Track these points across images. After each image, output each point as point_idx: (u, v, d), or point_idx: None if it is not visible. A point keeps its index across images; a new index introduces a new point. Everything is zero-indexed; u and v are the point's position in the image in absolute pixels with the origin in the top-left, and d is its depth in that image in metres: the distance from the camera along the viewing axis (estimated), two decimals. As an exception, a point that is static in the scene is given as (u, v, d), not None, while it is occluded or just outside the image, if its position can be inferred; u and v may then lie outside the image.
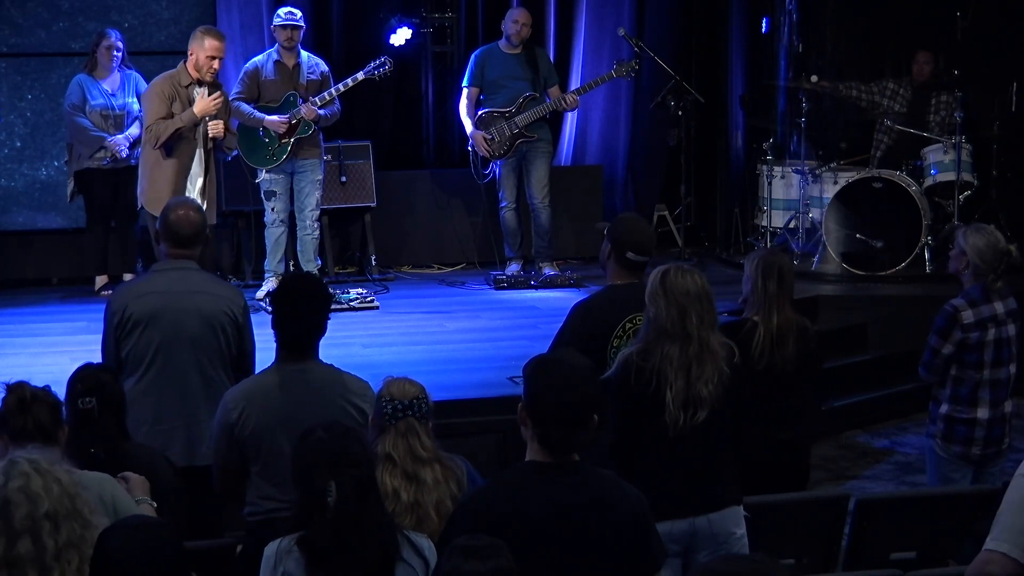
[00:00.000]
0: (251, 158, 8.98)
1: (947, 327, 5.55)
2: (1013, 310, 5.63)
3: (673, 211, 10.90)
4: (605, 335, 4.90)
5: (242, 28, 10.05)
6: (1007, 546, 3.22)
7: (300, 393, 4.47)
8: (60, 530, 2.90)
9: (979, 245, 5.52)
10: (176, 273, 5.23)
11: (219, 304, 5.19)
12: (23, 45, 9.54)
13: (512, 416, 3.60)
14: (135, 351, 5.15)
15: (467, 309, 8.97)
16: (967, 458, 5.61)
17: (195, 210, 5.33)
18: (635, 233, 5.07)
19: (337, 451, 3.40)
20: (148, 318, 5.14)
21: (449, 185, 10.47)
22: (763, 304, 5.30)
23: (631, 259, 5.00)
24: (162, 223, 5.28)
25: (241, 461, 4.48)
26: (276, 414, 4.42)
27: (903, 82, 10.29)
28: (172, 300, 5.16)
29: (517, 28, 9.57)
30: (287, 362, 4.55)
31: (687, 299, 4.35)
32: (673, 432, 4.35)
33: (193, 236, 5.24)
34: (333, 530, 3.32)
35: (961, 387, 5.61)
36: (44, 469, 2.94)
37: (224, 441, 4.50)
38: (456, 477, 4.07)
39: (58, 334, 7.97)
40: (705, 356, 4.36)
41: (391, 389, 4.10)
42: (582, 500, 3.40)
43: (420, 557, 3.47)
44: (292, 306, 4.53)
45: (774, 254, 5.57)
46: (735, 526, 4.49)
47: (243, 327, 5.24)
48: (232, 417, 4.45)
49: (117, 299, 5.26)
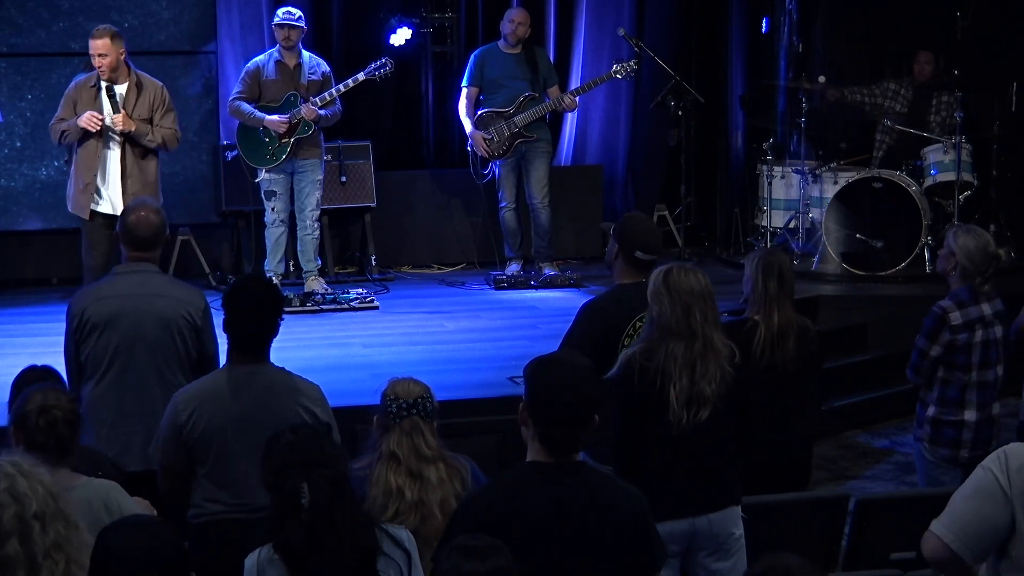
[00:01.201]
0: (251, 158, 8.99)
1: (935, 329, 5.53)
2: (1000, 312, 5.60)
3: (673, 211, 10.90)
4: (616, 334, 4.90)
5: (242, 28, 10.05)
6: (945, 531, 3.34)
7: (252, 395, 4.46)
8: (47, 531, 2.90)
9: (968, 247, 5.50)
10: (136, 276, 5.22)
11: (177, 307, 5.17)
12: (23, 45, 9.54)
13: (512, 416, 3.60)
14: (94, 354, 5.15)
15: (467, 309, 8.97)
16: (955, 461, 5.57)
17: (154, 212, 5.28)
18: (643, 232, 5.09)
19: (307, 451, 3.39)
20: (106, 321, 5.13)
21: (449, 185, 10.47)
22: (764, 303, 5.31)
23: (640, 258, 5.01)
24: (121, 226, 5.26)
25: (187, 463, 4.47)
26: (227, 416, 4.41)
27: (904, 82, 10.29)
28: (131, 303, 5.14)
29: (513, 28, 9.57)
30: (238, 364, 4.54)
31: (691, 297, 4.37)
32: (676, 431, 4.35)
33: (151, 238, 5.22)
34: (308, 531, 3.31)
35: (949, 389, 5.58)
36: (27, 471, 2.93)
37: (172, 442, 4.48)
38: (461, 476, 4.08)
39: (58, 334, 7.89)
40: (709, 354, 4.37)
41: (396, 388, 4.11)
42: (582, 500, 3.40)
43: (401, 549, 3.48)
44: (244, 308, 4.51)
45: (774, 254, 5.57)
46: (734, 526, 4.50)
47: (202, 330, 5.22)
48: (182, 418, 4.44)
49: (77, 302, 5.25)
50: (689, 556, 4.47)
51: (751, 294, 5.37)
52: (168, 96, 7.63)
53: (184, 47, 9.83)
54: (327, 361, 7.29)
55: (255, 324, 4.53)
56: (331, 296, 8.93)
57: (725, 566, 4.46)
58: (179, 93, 9.83)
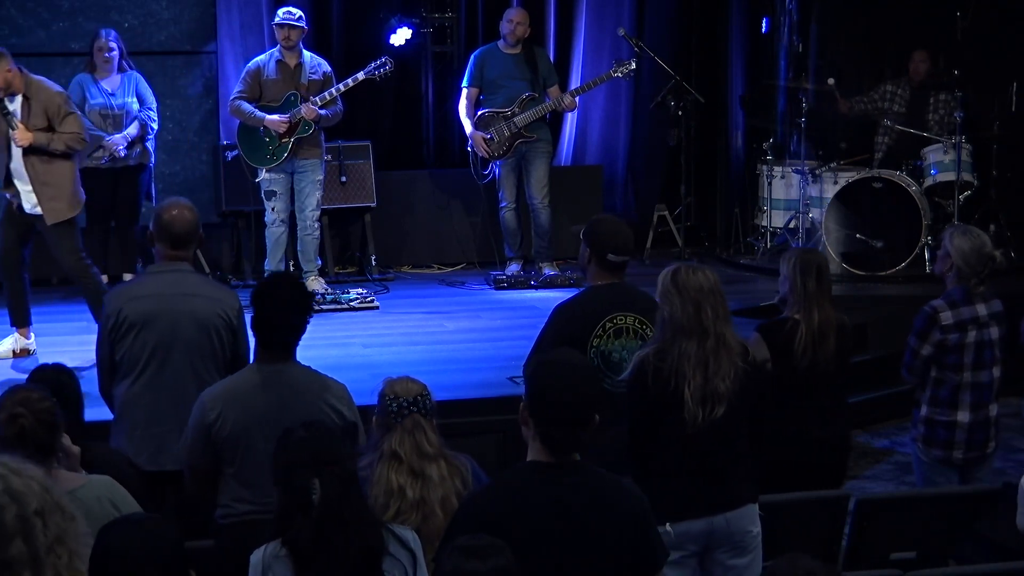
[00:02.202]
0: (251, 157, 9.00)
1: (925, 328, 5.51)
2: (997, 313, 5.57)
3: (673, 211, 10.90)
4: (586, 334, 4.92)
5: (242, 28, 10.06)
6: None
7: (280, 394, 4.46)
8: (48, 526, 2.89)
9: (964, 248, 5.49)
10: (171, 275, 5.21)
11: (214, 307, 5.16)
12: (23, 45, 9.52)
13: (512, 416, 3.60)
14: (130, 354, 5.13)
15: (467, 309, 8.97)
16: (949, 462, 5.54)
17: (188, 209, 5.28)
18: (614, 235, 5.08)
19: (318, 449, 3.40)
20: (143, 321, 5.11)
21: (449, 185, 10.48)
22: (803, 302, 5.32)
23: (612, 260, 5.02)
24: (156, 224, 5.24)
25: (215, 462, 4.46)
26: (255, 415, 4.40)
27: (900, 82, 10.30)
28: (167, 303, 5.13)
29: (512, 27, 9.57)
30: (265, 362, 4.54)
31: (701, 294, 4.38)
32: (691, 429, 4.35)
33: (188, 235, 5.21)
34: (317, 528, 3.32)
35: (941, 389, 5.56)
36: (16, 468, 2.92)
37: (200, 442, 4.47)
38: (461, 474, 4.08)
39: (58, 334, 7.96)
40: (722, 351, 4.37)
41: (395, 388, 4.11)
42: (583, 500, 3.40)
43: (406, 549, 3.49)
44: (273, 307, 4.51)
45: (811, 252, 5.61)
46: (751, 524, 4.49)
47: (237, 330, 5.22)
48: (210, 417, 4.43)
49: (112, 301, 5.23)
50: (707, 555, 4.47)
51: (789, 293, 5.38)
52: (65, 101, 7.27)
53: (184, 47, 9.84)
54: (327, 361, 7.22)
55: (284, 323, 4.53)
56: (331, 296, 8.94)
57: (742, 562, 4.46)
58: (179, 93, 9.86)
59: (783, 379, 5.24)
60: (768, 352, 5.28)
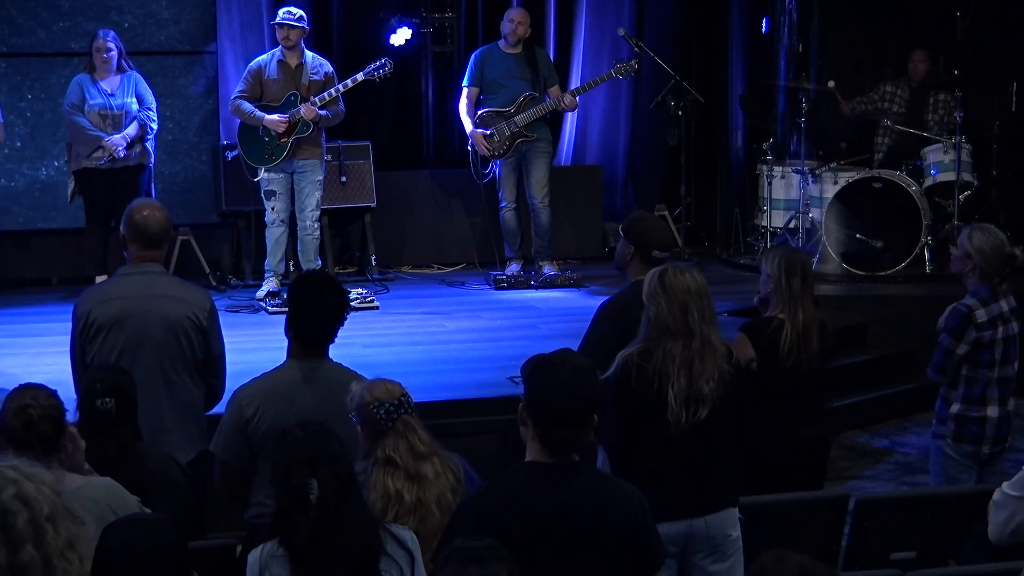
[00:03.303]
0: (250, 156, 9.00)
1: (961, 327, 5.52)
2: (1015, 308, 5.64)
3: (673, 211, 10.90)
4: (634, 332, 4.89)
5: (242, 28, 10.06)
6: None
7: (316, 391, 4.46)
8: (59, 531, 2.89)
9: (984, 249, 5.51)
10: (142, 277, 5.19)
11: (183, 309, 5.15)
12: (23, 45, 9.54)
13: (512, 416, 3.60)
14: (99, 356, 5.12)
15: (467, 309, 8.97)
16: (977, 457, 5.60)
17: (158, 209, 5.28)
18: (658, 231, 5.26)
19: (317, 448, 3.39)
20: (112, 323, 5.10)
21: (449, 185, 10.47)
22: (788, 302, 5.30)
23: (657, 256, 5.10)
24: (128, 225, 5.22)
25: (250, 459, 4.45)
26: (293, 411, 4.37)
27: (900, 83, 10.31)
28: (137, 305, 5.11)
29: (512, 27, 9.57)
30: (301, 359, 4.54)
31: (688, 296, 4.38)
32: (675, 430, 4.35)
33: (160, 235, 5.20)
34: (314, 528, 3.31)
35: (974, 387, 5.58)
36: (28, 472, 2.92)
37: (235, 438, 4.46)
38: (453, 468, 4.07)
39: (58, 334, 7.89)
40: (707, 353, 4.37)
41: (375, 393, 4.04)
42: (582, 500, 3.40)
43: (404, 549, 3.49)
44: (309, 304, 4.52)
45: (795, 252, 5.61)
46: (731, 528, 4.49)
47: (208, 331, 5.20)
48: (247, 413, 4.43)
49: (83, 303, 5.22)
50: (686, 558, 4.46)
51: (774, 293, 5.36)
52: None
53: (184, 47, 9.83)
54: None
55: (320, 320, 4.54)
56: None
57: (722, 568, 4.46)
58: (179, 93, 9.85)
59: (768, 379, 5.24)
60: (753, 352, 5.27)
